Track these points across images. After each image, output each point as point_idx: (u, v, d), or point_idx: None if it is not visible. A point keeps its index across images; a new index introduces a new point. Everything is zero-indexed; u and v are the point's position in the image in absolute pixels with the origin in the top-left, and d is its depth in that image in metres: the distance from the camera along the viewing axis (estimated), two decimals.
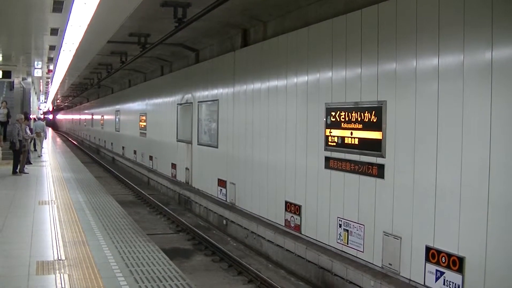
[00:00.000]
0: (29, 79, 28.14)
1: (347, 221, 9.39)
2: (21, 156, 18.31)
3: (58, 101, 69.66)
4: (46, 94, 50.15)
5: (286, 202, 11.48)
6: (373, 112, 8.63)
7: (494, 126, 6.47)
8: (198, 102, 17.73)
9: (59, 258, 7.77)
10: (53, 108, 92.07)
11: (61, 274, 7.01)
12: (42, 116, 57.20)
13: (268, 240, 11.80)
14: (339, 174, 9.61)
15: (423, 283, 7.59)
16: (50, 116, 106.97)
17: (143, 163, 26.38)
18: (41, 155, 26.49)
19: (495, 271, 6.48)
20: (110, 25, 12.83)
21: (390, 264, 8.30)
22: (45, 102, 60.07)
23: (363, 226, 9.00)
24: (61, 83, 34.58)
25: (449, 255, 7.11)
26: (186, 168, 19.05)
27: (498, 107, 6.44)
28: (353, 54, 9.21)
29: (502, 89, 6.40)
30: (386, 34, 8.40)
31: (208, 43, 17.08)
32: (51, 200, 12.71)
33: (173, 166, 20.81)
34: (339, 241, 9.64)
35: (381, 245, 8.54)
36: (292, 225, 11.22)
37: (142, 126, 26.84)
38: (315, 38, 10.45)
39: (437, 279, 7.30)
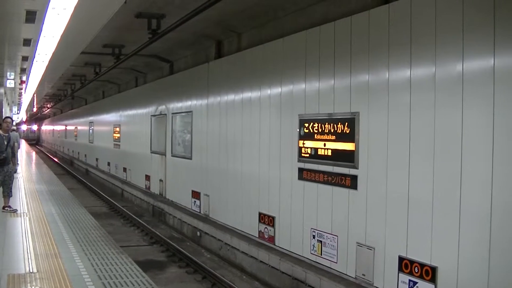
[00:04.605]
0: (1, 90, 27.88)
1: (321, 232, 9.43)
2: None
3: (31, 112, 68.82)
4: (19, 105, 49.72)
5: (260, 214, 11.49)
6: (346, 123, 8.69)
7: (466, 137, 6.55)
8: (172, 113, 17.70)
9: (31, 271, 7.68)
10: (26, 119, 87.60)
11: (33, 287, 6.94)
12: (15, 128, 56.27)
13: (242, 252, 11.78)
14: (313, 185, 9.65)
15: None
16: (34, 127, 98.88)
17: (117, 175, 26.21)
18: (18, 164, 26.27)
19: (467, 281, 6.54)
20: (84, 36, 12.81)
21: (364, 275, 8.34)
22: (17, 113, 59.48)
23: (336, 237, 9.04)
24: (34, 94, 34.30)
25: (422, 265, 7.17)
26: (160, 180, 18.98)
27: (469, 118, 6.53)
28: (326, 66, 9.28)
29: (473, 101, 6.49)
30: (359, 45, 8.48)
31: (182, 55, 17.09)
32: (23, 213, 12.57)
33: (147, 177, 20.71)
34: (312, 252, 9.66)
35: (355, 255, 8.57)
36: (266, 237, 11.22)
37: (116, 137, 26.68)
38: (289, 50, 10.51)
39: None
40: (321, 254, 9.41)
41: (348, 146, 8.66)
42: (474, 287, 6.45)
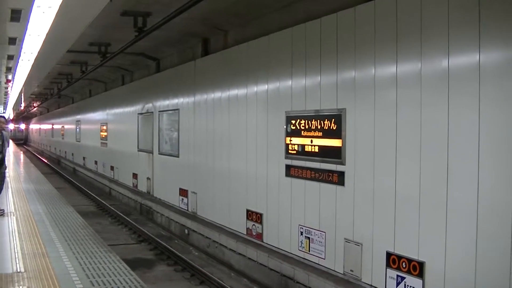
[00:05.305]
0: None
1: (309, 229, 9.45)
2: None
3: (18, 111, 68.26)
4: (5, 104, 49.43)
5: (248, 211, 11.50)
6: (333, 120, 8.71)
7: (452, 133, 6.59)
8: (159, 111, 17.68)
9: (18, 271, 7.63)
10: (13, 117, 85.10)
11: (20, 287, 6.91)
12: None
13: (230, 249, 11.79)
14: (300, 182, 9.66)
15: None
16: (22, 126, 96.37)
17: (105, 173, 26.13)
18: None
19: (454, 275, 6.59)
20: (70, 34, 12.71)
21: (352, 271, 8.37)
22: (4, 112, 59.14)
23: (324, 233, 9.06)
24: (20, 93, 34.10)
25: (410, 260, 7.20)
26: (148, 178, 18.95)
27: (455, 114, 6.56)
28: (312, 63, 9.29)
29: (458, 97, 6.53)
30: (345, 42, 8.50)
31: (169, 52, 17.06)
32: (10, 212, 12.49)
33: (135, 176, 20.67)
34: (300, 248, 9.68)
35: (343, 251, 8.61)
36: (254, 234, 11.23)
37: (103, 136, 26.60)
38: (275, 47, 10.51)
39: (398, 284, 7.39)
40: (309, 251, 9.43)
41: (335, 143, 8.68)
42: (461, 281, 6.49)
